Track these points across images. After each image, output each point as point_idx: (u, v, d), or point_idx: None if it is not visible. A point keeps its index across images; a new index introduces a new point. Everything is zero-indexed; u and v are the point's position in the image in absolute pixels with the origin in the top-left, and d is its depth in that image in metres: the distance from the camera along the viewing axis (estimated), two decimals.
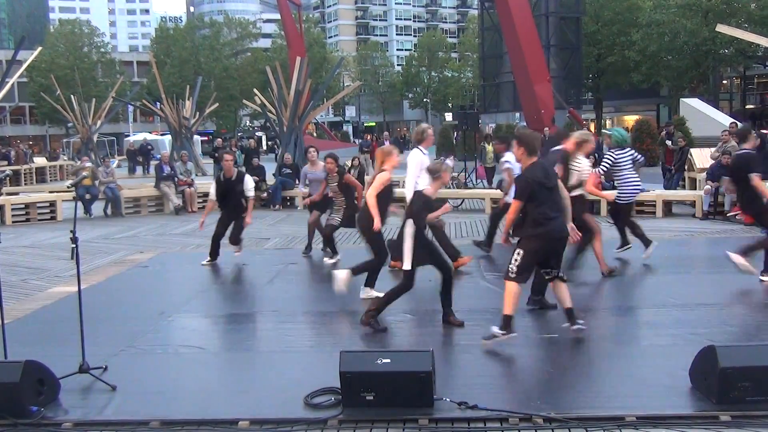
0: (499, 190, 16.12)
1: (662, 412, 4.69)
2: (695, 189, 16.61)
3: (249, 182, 10.46)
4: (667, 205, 14.89)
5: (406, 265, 6.53)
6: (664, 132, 20.11)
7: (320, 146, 44.26)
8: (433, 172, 6.64)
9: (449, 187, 19.18)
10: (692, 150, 18.23)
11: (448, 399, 4.90)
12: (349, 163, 17.45)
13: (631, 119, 58.61)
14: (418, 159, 8.71)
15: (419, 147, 8.96)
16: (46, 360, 5.29)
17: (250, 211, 10.47)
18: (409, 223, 6.50)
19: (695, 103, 32.07)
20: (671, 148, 18.03)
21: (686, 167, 17.76)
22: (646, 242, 9.60)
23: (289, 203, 18.71)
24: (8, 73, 29.15)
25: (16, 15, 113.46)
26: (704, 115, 28.25)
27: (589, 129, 27.20)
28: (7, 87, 29.39)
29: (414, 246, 6.48)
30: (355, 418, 4.77)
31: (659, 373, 5.41)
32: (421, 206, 6.54)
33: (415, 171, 8.50)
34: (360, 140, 37.65)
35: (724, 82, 57.89)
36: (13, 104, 55.34)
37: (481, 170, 22.54)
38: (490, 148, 21.69)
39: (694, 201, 14.67)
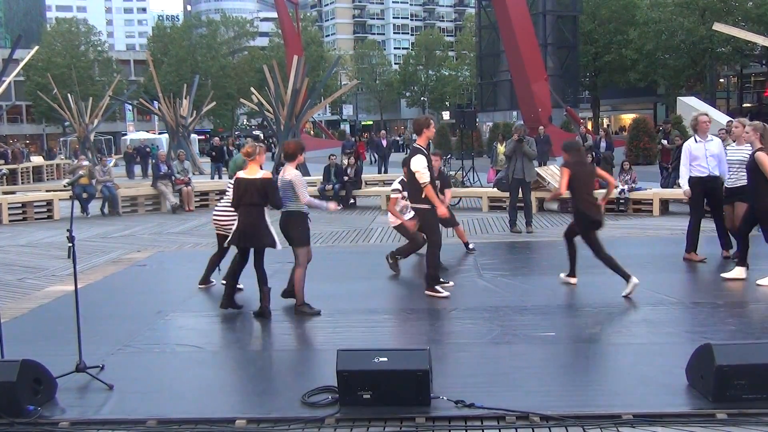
0: (496, 189, 16.19)
1: (659, 410, 4.69)
2: None
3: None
4: (664, 203, 14.91)
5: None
6: (660, 130, 20.11)
7: (317, 145, 44.13)
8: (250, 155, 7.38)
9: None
10: None
11: (445, 397, 4.91)
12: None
13: (628, 117, 58.62)
14: (691, 146, 9.24)
15: (695, 135, 9.36)
16: (43, 359, 5.29)
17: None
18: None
19: (692, 101, 32.09)
20: (667, 147, 18.04)
21: None
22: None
23: None
24: (5, 72, 29.12)
25: (13, 14, 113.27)
26: None
27: (586, 127, 27.13)
28: (4, 86, 29.35)
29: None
30: (352, 416, 4.77)
31: (656, 371, 5.42)
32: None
33: (686, 159, 9.27)
34: (344, 141, 36.75)
35: (721, 80, 57.96)
36: (10, 103, 55.24)
37: (492, 173, 20.33)
38: (501, 148, 19.00)
39: None
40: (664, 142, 18.30)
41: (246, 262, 7.61)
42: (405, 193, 8.80)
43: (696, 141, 9.34)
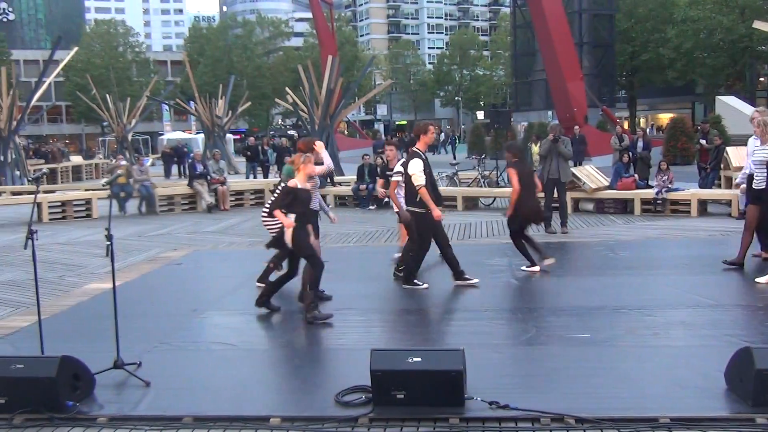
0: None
1: (697, 414, 4.62)
2: (731, 188, 16.36)
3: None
4: (702, 204, 14.69)
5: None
6: (699, 130, 19.78)
7: (351, 145, 44.24)
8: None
9: (480, 186, 19.12)
10: (728, 148, 17.94)
11: (479, 398, 4.88)
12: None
13: (665, 117, 57.87)
14: (749, 143, 9.25)
15: None
16: (81, 355, 5.37)
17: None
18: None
19: (731, 100, 31.58)
20: (705, 147, 17.72)
21: (722, 166, 17.49)
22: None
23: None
24: (45, 73, 29.67)
25: (53, 15, 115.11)
26: (740, 113, 27.82)
27: (622, 127, 26.81)
28: (44, 86, 29.91)
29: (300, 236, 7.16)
30: (386, 416, 4.77)
31: (694, 375, 5.35)
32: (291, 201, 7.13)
33: (747, 155, 9.27)
34: (374, 140, 36.30)
35: (761, 79, 56.83)
36: (50, 103, 56.14)
37: None
38: (536, 149, 19.28)
39: (730, 200, 14.45)
40: (703, 142, 17.96)
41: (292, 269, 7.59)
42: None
43: (755, 138, 9.19)
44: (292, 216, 7.10)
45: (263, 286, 8.04)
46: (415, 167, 8.14)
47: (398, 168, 9.07)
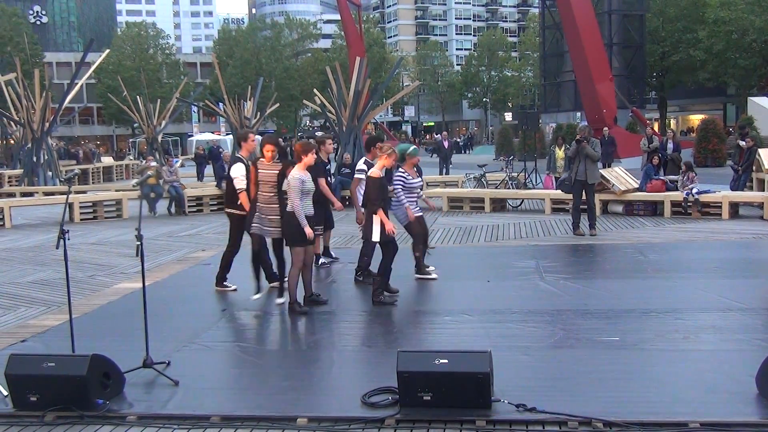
0: (560, 191, 15.99)
1: (727, 419, 4.57)
2: (763, 190, 16.12)
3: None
4: (734, 206, 14.50)
5: (375, 238, 7.80)
6: (738, 132, 19.41)
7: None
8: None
9: (508, 187, 19.04)
10: (760, 150, 17.68)
11: (506, 401, 4.87)
12: None
13: (696, 118, 57.20)
14: None
15: None
16: (111, 354, 5.44)
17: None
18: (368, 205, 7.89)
19: (764, 102, 31.19)
20: (745, 147, 17.37)
21: (753, 168, 17.24)
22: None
23: (348, 202, 18.76)
24: (77, 75, 30.04)
25: (85, 18, 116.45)
26: None
27: (652, 128, 26.57)
28: (77, 88, 30.29)
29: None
30: (412, 417, 4.77)
31: (724, 379, 5.28)
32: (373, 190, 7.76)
33: None
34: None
35: None
36: (82, 105, 56.97)
37: (549, 180, 19.48)
38: (560, 153, 18.92)
39: (762, 202, 14.25)
40: (742, 143, 17.55)
41: None
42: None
43: None
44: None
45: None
46: (237, 171, 8.46)
47: (361, 166, 9.40)
